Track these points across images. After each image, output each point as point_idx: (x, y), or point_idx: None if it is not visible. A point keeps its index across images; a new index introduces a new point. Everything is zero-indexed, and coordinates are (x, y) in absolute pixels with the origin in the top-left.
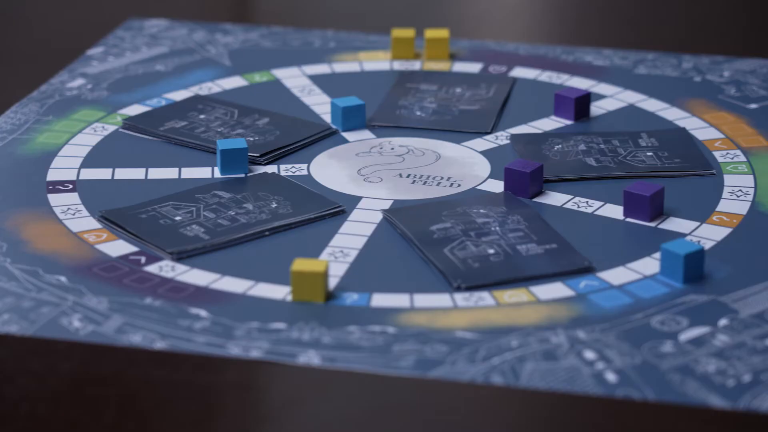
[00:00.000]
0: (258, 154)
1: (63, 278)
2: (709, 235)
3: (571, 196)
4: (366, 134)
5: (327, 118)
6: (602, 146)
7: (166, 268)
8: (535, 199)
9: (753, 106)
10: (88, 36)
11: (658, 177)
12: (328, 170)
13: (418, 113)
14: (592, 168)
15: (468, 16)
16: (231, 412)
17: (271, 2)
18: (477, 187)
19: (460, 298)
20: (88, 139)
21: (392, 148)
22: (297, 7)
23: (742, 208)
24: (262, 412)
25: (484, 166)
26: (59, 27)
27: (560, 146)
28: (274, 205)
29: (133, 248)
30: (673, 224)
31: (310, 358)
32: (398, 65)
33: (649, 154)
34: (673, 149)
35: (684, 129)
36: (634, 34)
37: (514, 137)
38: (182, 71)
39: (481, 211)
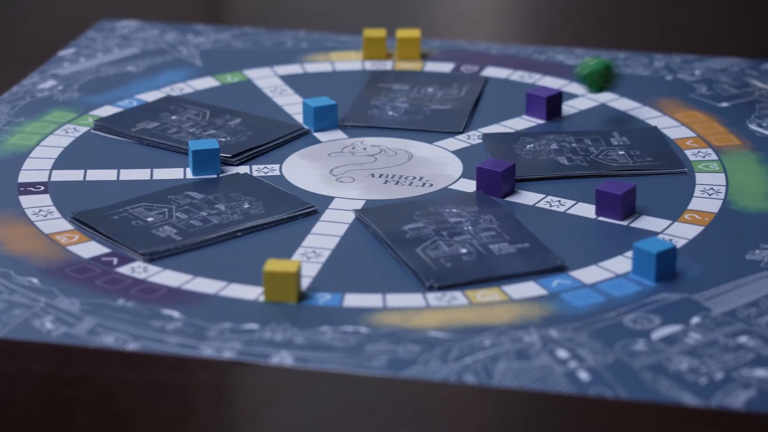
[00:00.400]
0: (230, 155)
1: (35, 280)
2: (681, 233)
3: (543, 195)
4: (338, 134)
5: (299, 118)
6: (574, 145)
7: (138, 270)
8: (508, 199)
9: (724, 104)
10: (59, 37)
11: (630, 176)
12: (301, 170)
13: (390, 113)
14: (564, 167)
15: (440, 16)
16: (204, 413)
17: (243, 3)
18: (449, 187)
19: (433, 297)
20: (60, 140)
21: (364, 148)
22: (269, 8)
23: (713, 206)
24: (235, 413)
25: (456, 166)
26: (30, 28)
27: (532, 145)
28: (246, 205)
29: (105, 249)
30: (645, 223)
31: (283, 358)
32: (370, 65)
33: (621, 152)
34: (644, 148)
35: (655, 128)
36: (606, 34)
37: (486, 137)
38: (154, 72)
39: (454, 210)
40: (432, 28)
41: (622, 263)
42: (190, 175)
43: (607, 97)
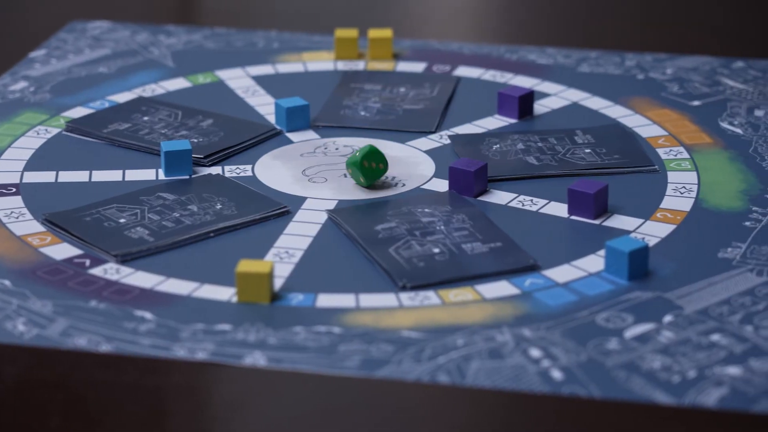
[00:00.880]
0: (202, 156)
1: (7, 282)
2: (653, 231)
3: (516, 195)
4: (310, 135)
5: (271, 118)
6: (540, 144)
7: (110, 271)
8: (480, 198)
9: (696, 103)
10: (30, 38)
11: (601, 174)
12: (273, 171)
13: (363, 113)
14: (534, 167)
15: (411, 16)
16: (178, 414)
17: (214, 3)
18: (421, 187)
19: (406, 297)
20: (31, 142)
21: (337, 149)
22: (240, 8)
23: (685, 204)
24: (209, 414)
25: (428, 166)
26: (1, 30)
27: (498, 146)
28: (218, 206)
29: (77, 251)
30: (618, 221)
31: (256, 359)
32: (342, 65)
33: (588, 150)
34: (610, 145)
35: (618, 123)
36: (578, 33)
37: (453, 138)
38: (125, 73)
39: (426, 210)
40: (404, 28)
41: (594, 262)
42: (162, 176)
43: (578, 96)
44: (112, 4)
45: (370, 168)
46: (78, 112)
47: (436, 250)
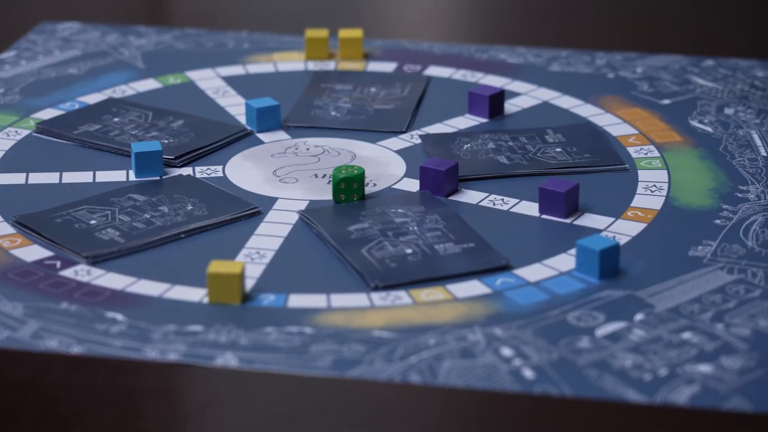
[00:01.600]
0: (173, 157)
1: None
2: (624, 230)
3: (487, 194)
4: (281, 135)
5: (242, 119)
6: (510, 144)
7: (81, 273)
8: (452, 198)
9: (666, 101)
10: None
11: (572, 173)
12: (244, 172)
13: (333, 113)
14: (505, 166)
15: (382, 16)
16: (150, 415)
17: (185, 4)
18: (393, 186)
19: (377, 297)
20: (1, 143)
21: (307, 149)
22: (210, 9)
23: (656, 203)
24: (181, 415)
25: (399, 165)
26: None
27: (469, 145)
28: (189, 207)
29: (48, 253)
30: (589, 220)
31: (228, 359)
32: (312, 65)
33: (558, 150)
34: (580, 144)
35: (588, 122)
36: (548, 32)
37: (424, 137)
38: (96, 74)
39: (400, 210)
40: (374, 27)
41: (565, 261)
42: (133, 177)
43: (549, 95)
44: (81, 5)
45: (348, 189)
46: (48, 113)
47: (409, 251)
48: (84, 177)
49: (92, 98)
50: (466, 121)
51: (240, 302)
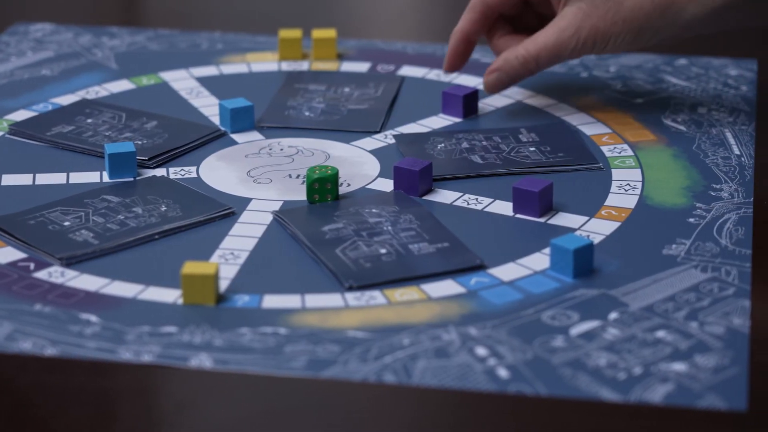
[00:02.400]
0: (146, 158)
1: None
2: (598, 229)
3: (461, 194)
4: (255, 135)
5: (215, 120)
6: (484, 143)
7: (55, 274)
8: (426, 197)
9: (639, 100)
10: None
11: (546, 172)
12: (218, 172)
13: (307, 113)
14: (479, 165)
15: (355, 16)
16: (125, 417)
17: (158, 5)
18: (367, 186)
19: (352, 297)
20: None
21: (281, 149)
22: (184, 10)
23: (630, 201)
24: (156, 416)
25: (373, 165)
26: None
27: (443, 145)
28: (163, 208)
29: (21, 255)
30: (563, 219)
31: (202, 361)
32: (286, 66)
33: (532, 149)
34: (554, 143)
35: (562, 121)
36: None
37: (398, 137)
38: (69, 75)
39: (374, 210)
40: (348, 28)
41: (539, 260)
42: (106, 178)
43: (523, 94)
44: (55, 6)
45: (322, 189)
46: (21, 115)
47: (383, 251)
48: (57, 178)
49: (65, 99)
50: (439, 121)
51: (214, 303)
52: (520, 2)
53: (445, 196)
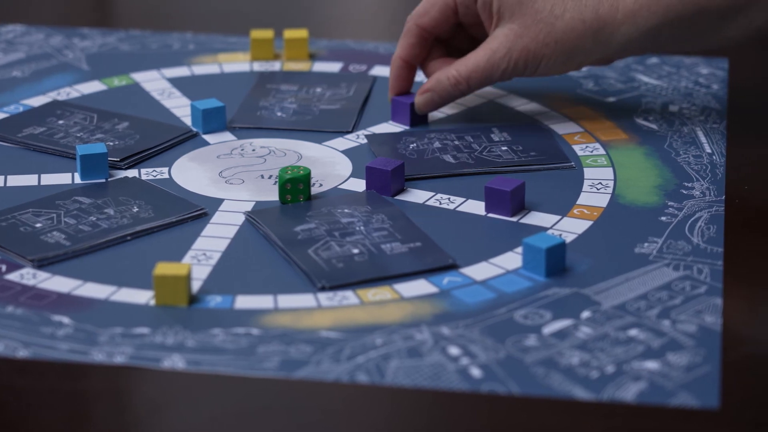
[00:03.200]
0: (118, 159)
1: None
2: (570, 228)
3: (433, 193)
4: (227, 136)
5: (187, 120)
6: (456, 143)
7: (27, 276)
8: (398, 197)
9: (611, 99)
10: None
11: (518, 171)
12: (190, 173)
13: (279, 114)
14: (451, 165)
15: (327, 16)
16: (97, 419)
17: (129, 5)
18: (339, 186)
19: (324, 297)
20: None
21: (253, 150)
22: (155, 10)
23: (602, 200)
24: (129, 418)
25: (345, 165)
26: None
27: (415, 144)
28: (135, 209)
29: None
30: (535, 218)
31: (175, 362)
32: (258, 66)
33: (504, 148)
34: (526, 142)
35: (534, 120)
36: None
37: (370, 137)
38: (40, 77)
39: (346, 210)
40: (319, 28)
41: (512, 259)
42: (78, 179)
43: (495, 94)
44: (25, 7)
45: (295, 189)
46: None
47: (356, 251)
48: (29, 180)
49: (36, 101)
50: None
51: (187, 304)
52: (454, 25)
53: (417, 195)
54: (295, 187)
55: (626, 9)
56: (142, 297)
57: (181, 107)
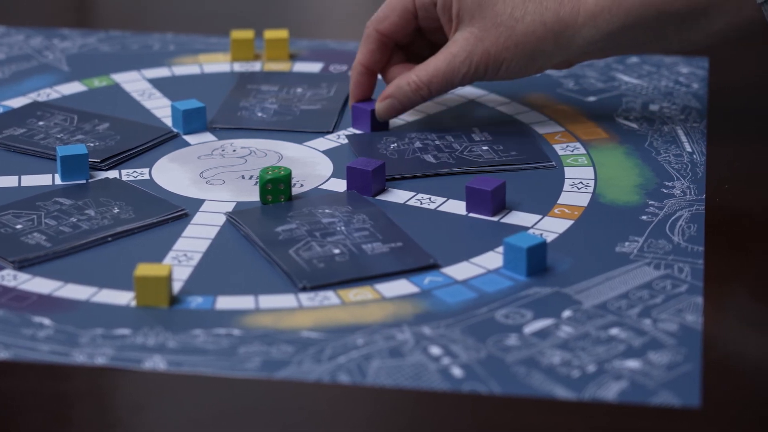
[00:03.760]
0: (99, 160)
1: None
2: (551, 227)
3: (414, 193)
4: (207, 137)
5: (168, 121)
6: (437, 143)
7: (8, 277)
8: (379, 197)
9: (591, 98)
10: None
11: (499, 171)
12: (170, 174)
13: (260, 114)
14: (432, 165)
15: (307, 16)
16: (79, 420)
17: (109, 6)
18: (320, 187)
19: (305, 297)
20: None
21: (234, 150)
22: (135, 11)
23: (583, 200)
24: (110, 419)
25: (326, 166)
26: None
27: (396, 145)
28: (116, 210)
29: None
30: (516, 218)
31: (156, 363)
32: (238, 67)
33: (485, 148)
34: (507, 142)
35: (515, 120)
36: None
37: (350, 138)
38: (20, 78)
39: (327, 211)
40: (300, 28)
41: (493, 259)
42: (58, 181)
43: (475, 93)
44: (4, 8)
45: (275, 190)
46: None
47: (337, 251)
48: (9, 181)
49: (17, 102)
50: (391, 121)
51: (168, 305)
52: (414, 30)
53: (398, 195)
54: (276, 187)
55: (587, 12)
56: (123, 298)
57: (161, 108)
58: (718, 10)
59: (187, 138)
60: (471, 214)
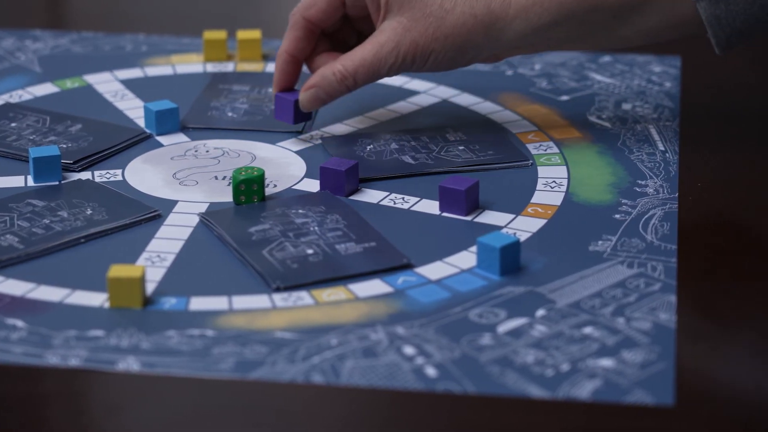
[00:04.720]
0: (71, 161)
1: None
2: (524, 226)
3: (388, 193)
4: (180, 137)
5: (140, 122)
6: (413, 143)
7: None
8: (352, 197)
9: (564, 98)
10: None
11: (474, 170)
12: (143, 175)
13: (230, 114)
14: (411, 166)
15: (280, 16)
16: (52, 422)
17: (81, 7)
18: (293, 187)
19: (279, 298)
20: None
21: (207, 151)
22: (107, 12)
23: (556, 199)
24: (84, 421)
25: (299, 166)
26: None
27: (372, 146)
28: (89, 211)
29: None
30: (489, 217)
31: (130, 364)
32: (211, 67)
33: (461, 148)
34: (482, 141)
35: (488, 119)
36: None
37: (325, 140)
38: None
39: (300, 211)
40: (273, 28)
41: (466, 258)
42: (31, 182)
43: (448, 93)
44: None
45: (249, 190)
46: None
47: (310, 251)
48: None
49: None
50: (365, 120)
51: (141, 306)
52: (341, 18)
53: (371, 195)
54: (249, 188)
55: (519, 5)
56: (97, 299)
57: (134, 109)
58: (652, 6)
59: (160, 139)
60: (444, 214)
